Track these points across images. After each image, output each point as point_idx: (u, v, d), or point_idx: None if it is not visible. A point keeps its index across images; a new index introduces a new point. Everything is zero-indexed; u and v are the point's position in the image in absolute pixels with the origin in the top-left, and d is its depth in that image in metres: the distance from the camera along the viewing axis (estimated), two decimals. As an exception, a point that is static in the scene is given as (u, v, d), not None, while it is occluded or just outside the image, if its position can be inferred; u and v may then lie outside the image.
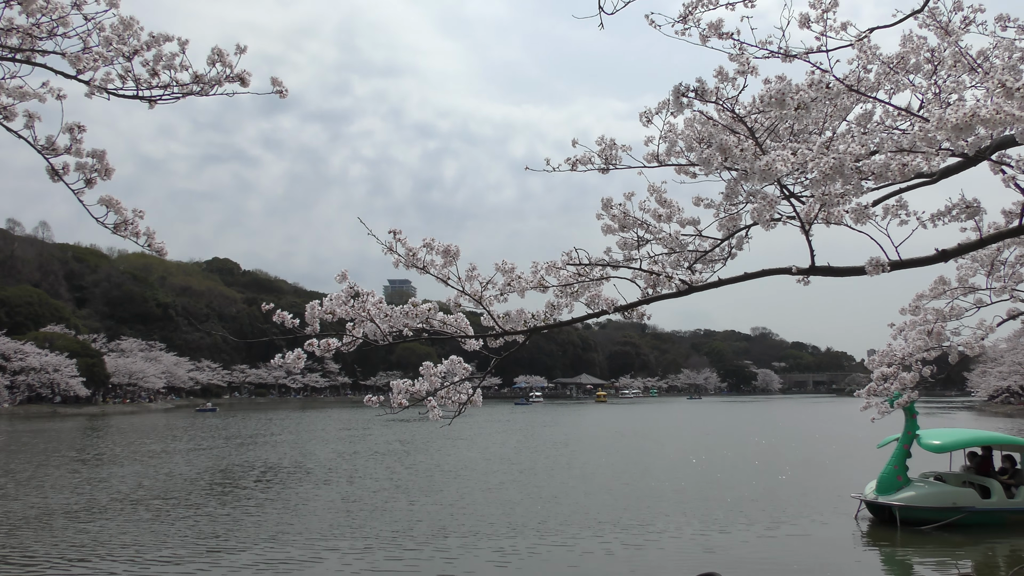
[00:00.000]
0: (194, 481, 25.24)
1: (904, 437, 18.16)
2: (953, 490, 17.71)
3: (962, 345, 8.70)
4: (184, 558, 14.48)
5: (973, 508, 17.24)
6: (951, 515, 17.06)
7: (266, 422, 66.92)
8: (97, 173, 4.89)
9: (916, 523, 17.19)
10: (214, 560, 14.35)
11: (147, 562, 14.21)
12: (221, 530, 17.02)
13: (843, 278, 5.05)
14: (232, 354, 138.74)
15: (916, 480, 18.06)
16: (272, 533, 16.71)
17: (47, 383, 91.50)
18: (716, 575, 3.49)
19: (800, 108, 3.59)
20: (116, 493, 22.51)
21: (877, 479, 18.18)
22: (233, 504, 20.61)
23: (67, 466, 30.02)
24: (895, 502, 17.39)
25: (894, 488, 17.68)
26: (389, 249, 4.64)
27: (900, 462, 17.88)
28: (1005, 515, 17.62)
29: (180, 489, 23.38)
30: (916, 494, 17.50)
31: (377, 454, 35.35)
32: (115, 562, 14.21)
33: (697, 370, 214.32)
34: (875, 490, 18.06)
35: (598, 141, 5.96)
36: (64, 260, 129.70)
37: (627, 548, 15.46)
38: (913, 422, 18.27)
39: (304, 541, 15.94)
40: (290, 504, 20.57)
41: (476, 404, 5.71)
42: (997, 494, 17.55)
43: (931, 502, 17.37)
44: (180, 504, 20.56)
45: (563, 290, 5.02)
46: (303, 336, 4.99)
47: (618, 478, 26.36)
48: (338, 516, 18.72)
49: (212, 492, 22.99)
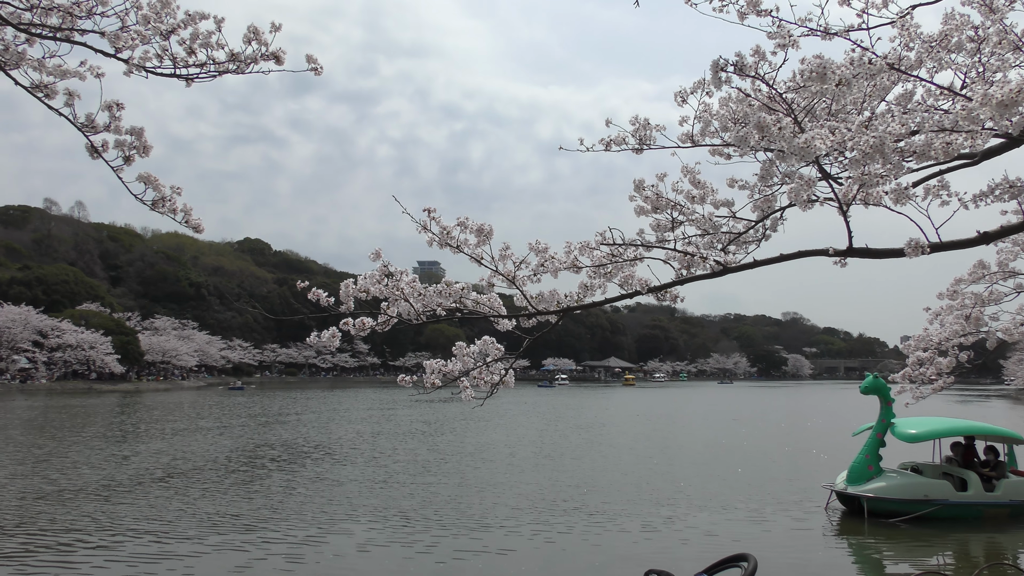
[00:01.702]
0: (214, 460, 25.32)
1: (878, 426, 17.61)
2: (925, 482, 17.01)
3: (1001, 331, 8.55)
4: (193, 537, 14.44)
5: (946, 501, 16.60)
6: (922, 508, 16.45)
7: (291, 401, 67.24)
8: (136, 151, 4.95)
9: (885, 515, 16.59)
10: (224, 540, 14.30)
11: (154, 540, 14.19)
12: (235, 509, 17.03)
13: (877, 263, 4.99)
14: (263, 334, 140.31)
15: (888, 471, 17.39)
16: (287, 513, 16.72)
17: (83, 360, 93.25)
18: (668, 574, 3.47)
19: (841, 84, 3.53)
20: (134, 471, 22.59)
21: (848, 469, 17.57)
22: (249, 483, 20.63)
23: (89, 443, 30.26)
24: (864, 493, 16.79)
25: (864, 478, 17.06)
26: (423, 228, 4.65)
27: (872, 451, 17.29)
28: (982, 509, 16.87)
29: (199, 468, 23.43)
30: (886, 485, 16.85)
31: (400, 435, 35.53)
32: (121, 541, 14.19)
33: (727, 354, 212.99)
34: (845, 480, 17.44)
35: (631, 121, 5.91)
36: (99, 239, 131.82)
37: (585, 536, 15.02)
38: (888, 410, 17.69)
39: (320, 521, 15.94)
40: (308, 484, 20.60)
41: (508, 385, 5.72)
42: (974, 487, 16.87)
43: (901, 494, 16.73)
44: (196, 482, 20.59)
45: (596, 271, 5.00)
46: (334, 315, 5.04)
47: (608, 462, 26.21)
48: (356, 497, 18.73)
49: (230, 471, 23.01)
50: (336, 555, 13.43)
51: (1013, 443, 18.31)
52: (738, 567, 3.40)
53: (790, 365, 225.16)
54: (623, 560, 13.42)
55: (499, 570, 12.77)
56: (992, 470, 17.61)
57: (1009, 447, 18.34)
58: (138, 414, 49.15)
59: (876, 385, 17.82)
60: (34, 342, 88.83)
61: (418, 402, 64.48)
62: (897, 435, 17.47)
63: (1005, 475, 17.49)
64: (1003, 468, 17.73)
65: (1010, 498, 16.99)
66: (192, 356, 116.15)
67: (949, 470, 17.83)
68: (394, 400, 70.03)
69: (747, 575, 3.27)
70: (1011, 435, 18.18)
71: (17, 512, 16.48)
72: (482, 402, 5.66)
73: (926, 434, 17.59)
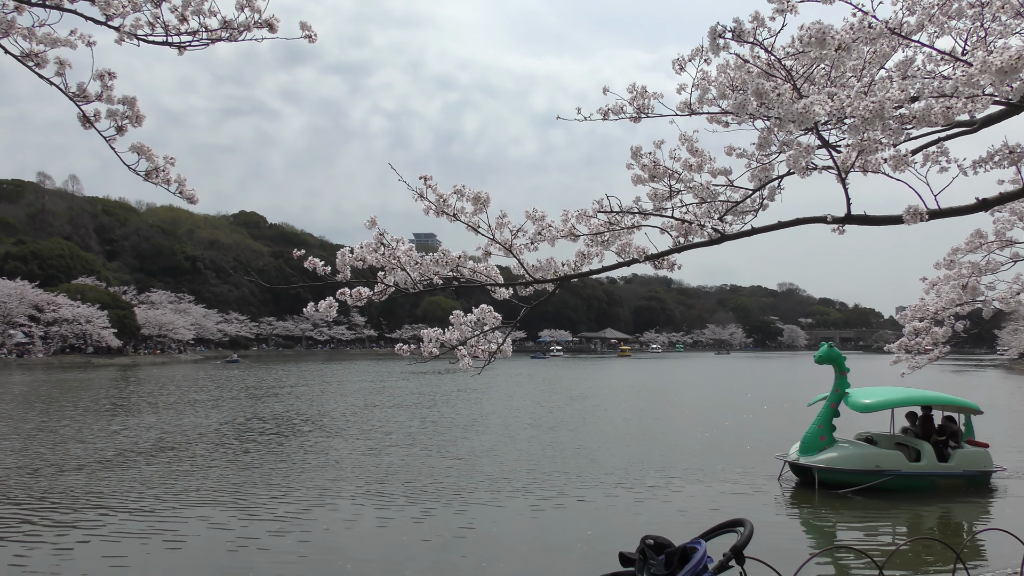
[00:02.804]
0: (203, 434, 25.12)
1: (832, 395, 17.32)
2: (877, 452, 16.80)
3: (997, 300, 8.56)
4: (180, 512, 14.30)
5: (898, 472, 16.41)
6: (873, 478, 16.28)
7: (286, 373, 67.13)
8: (128, 120, 4.90)
9: (836, 486, 16.39)
10: (210, 514, 14.16)
11: (138, 515, 14.03)
12: (222, 484, 16.90)
13: (873, 234, 4.97)
14: (260, 307, 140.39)
15: (841, 441, 17.16)
16: (275, 487, 16.57)
17: (80, 334, 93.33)
18: (664, 539, 3.49)
19: (841, 49, 3.50)
20: (122, 445, 22.39)
21: (801, 439, 17.31)
22: (238, 457, 20.46)
23: (80, 417, 30.11)
24: (815, 463, 16.61)
25: (817, 449, 16.85)
26: (420, 196, 4.63)
27: (825, 422, 17.04)
28: (935, 479, 16.74)
29: (188, 441, 23.24)
30: (837, 455, 16.65)
31: (392, 407, 35.55)
32: (105, 515, 14.07)
33: (723, 325, 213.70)
34: (798, 451, 17.21)
35: (629, 89, 5.86)
36: (94, 213, 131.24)
37: (534, 510, 14.89)
38: (843, 380, 17.43)
39: (308, 494, 15.85)
40: (298, 457, 20.51)
41: (505, 354, 5.73)
42: (927, 457, 16.71)
43: (852, 464, 16.53)
44: (185, 456, 20.41)
45: (594, 239, 4.99)
46: (331, 287, 5.02)
47: (570, 434, 26.19)
48: (346, 470, 18.65)
49: (220, 445, 22.81)
50: (325, 529, 13.36)
51: (969, 413, 18.06)
52: (734, 532, 3.42)
53: (786, 336, 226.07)
54: (609, 532, 13.56)
55: (492, 542, 12.79)
56: (950, 439, 17.46)
57: (966, 417, 18.11)
58: (131, 388, 49.07)
59: (831, 355, 17.61)
60: (30, 316, 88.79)
61: (414, 374, 64.67)
62: (850, 405, 17.25)
63: (960, 445, 17.33)
64: (959, 438, 17.56)
65: (963, 468, 16.88)
66: (189, 330, 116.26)
67: (903, 440, 17.66)
68: (389, 372, 70.12)
69: (744, 539, 3.29)
70: (967, 405, 17.99)
71: (1, 487, 16.44)
72: (479, 371, 5.66)
73: (879, 404, 17.45)
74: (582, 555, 11.94)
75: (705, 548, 3.29)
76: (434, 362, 51.62)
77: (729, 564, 3.25)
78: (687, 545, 3.32)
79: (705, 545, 3.32)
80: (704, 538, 3.47)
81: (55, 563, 11.33)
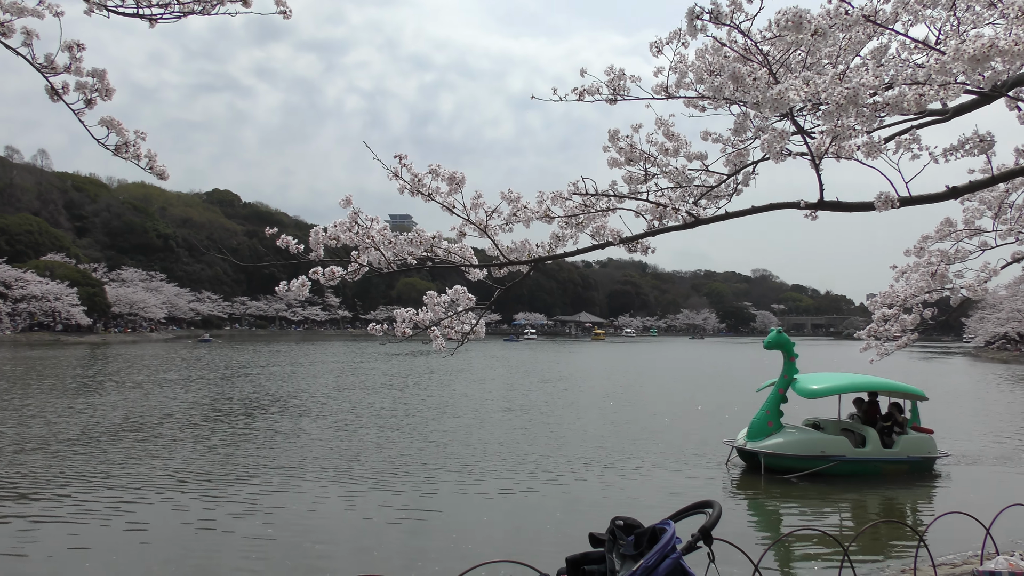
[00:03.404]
0: (168, 414, 24.70)
1: (780, 381, 17.36)
2: (823, 438, 16.94)
3: (965, 288, 8.68)
4: (140, 494, 14.08)
5: (843, 457, 16.56)
6: (818, 464, 16.41)
7: (257, 354, 66.45)
8: (98, 93, 4.81)
9: (782, 471, 16.48)
10: (170, 497, 13.99)
11: (98, 497, 13.83)
12: (185, 465, 16.66)
13: (846, 222, 5.01)
14: (233, 286, 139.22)
15: (788, 427, 17.23)
16: (237, 469, 16.39)
17: (48, 312, 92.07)
18: (634, 520, 3.53)
19: (817, 34, 3.51)
20: (84, 425, 22.00)
21: (749, 424, 17.39)
22: (202, 439, 20.13)
23: (43, 395, 29.62)
24: (761, 449, 16.69)
25: (764, 434, 16.94)
26: (394, 175, 4.59)
27: (773, 407, 17.10)
28: (879, 465, 16.90)
29: (152, 422, 22.85)
30: (783, 441, 16.74)
31: (363, 388, 35.44)
32: (63, 496, 13.91)
33: (696, 310, 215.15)
34: (745, 436, 17.27)
35: (606, 71, 5.84)
36: (63, 189, 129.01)
37: (503, 493, 14.90)
38: (791, 365, 17.47)
39: (274, 476, 15.75)
40: (262, 439, 20.28)
41: (478, 335, 5.73)
42: (872, 443, 16.88)
43: (798, 450, 16.61)
44: (148, 437, 20.10)
45: (568, 221, 4.98)
46: (305, 266, 4.98)
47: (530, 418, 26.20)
48: (311, 451, 18.50)
49: (184, 425, 22.47)
50: (291, 512, 13.26)
51: (916, 399, 18.20)
52: (703, 513, 3.45)
53: (758, 321, 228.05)
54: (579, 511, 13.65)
55: (461, 524, 12.79)
56: (895, 425, 17.60)
57: (913, 403, 18.25)
58: (99, 366, 48.42)
59: (779, 340, 17.73)
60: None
61: (386, 356, 64.52)
62: (798, 391, 17.27)
63: (905, 431, 17.47)
64: (904, 424, 17.69)
65: (908, 454, 17.05)
66: (160, 308, 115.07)
67: (849, 426, 17.77)
68: (362, 353, 69.85)
69: (712, 520, 3.32)
70: (912, 391, 18.12)
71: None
72: (452, 351, 5.66)
73: (827, 390, 17.49)
74: (551, 537, 12.03)
75: (674, 529, 3.32)
76: (407, 344, 51.63)
77: (697, 545, 3.29)
78: (656, 526, 3.35)
79: (674, 526, 3.35)
80: (673, 519, 3.50)
81: (13, 545, 11.13)
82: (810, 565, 11.03)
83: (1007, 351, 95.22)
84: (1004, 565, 6.16)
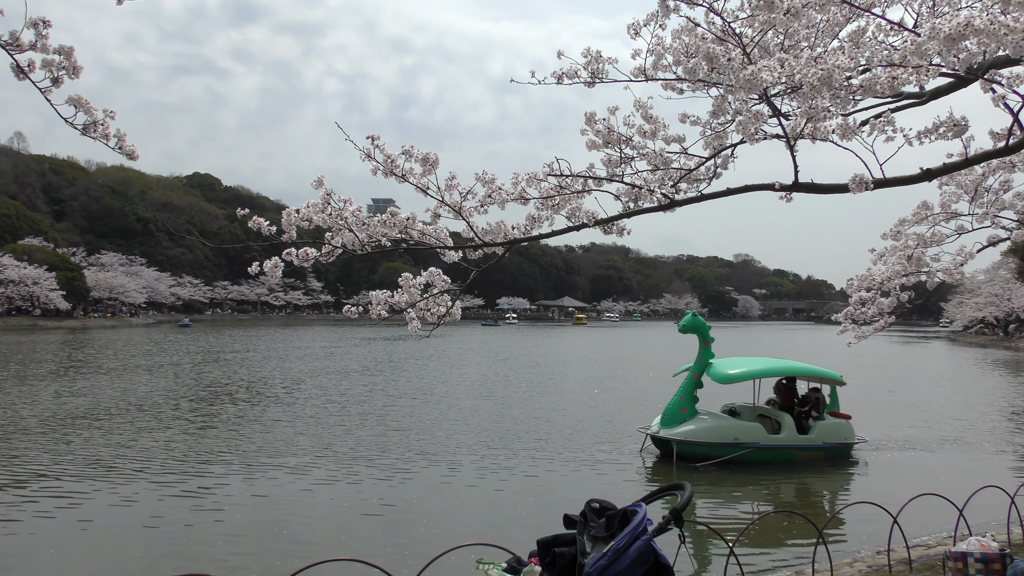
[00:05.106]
0: (135, 402, 24.09)
1: (695, 366, 16.85)
2: (736, 424, 16.47)
3: (941, 271, 8.72)
4: (92, 483, 13.81)
5: (757, 444, 16.12)
6: (732, 451, 15.99)
7: (235, 339, 65.77)
8: (65, 71, 4.71)
9: (695, 459, 16.05)
10: (127, 486, 13.72)
11: (51, 486, 13.61)
12: (144, 454, 16.29)
13: (829, 204, 5.02)
14: (214, 270, 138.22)
15: (702, 413, 16.70)
16: (202, 457, 16.14)
17: (26, 296, 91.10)
18: (608, 503, 3.54)
19: (790, 13, 3.48)
20: (45, 412, 21.55)
21: (663, 411, 16.88)
22: (166, 427, 19.68)
23: (8, 382, 29.08)
24: (673, 436, 16.19)
25: (677, 421, 16.40)
26: (367, 156, 4.54)
27: (687, 393, 16.59)
28: (794, 452, 16.49)
29: (117, 409, 22.41)
30: (695, 428, 16.24)
31: (339, 373, 35.30)
32: (17, 484, 13.74)
33: (679, 295, 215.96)
34: (659, 423, 16.73)
35: (584, 53, 5.80)
36: (41, 172, 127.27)
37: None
38: (707, 350, 16.97)
39: (243, 465, 15.56)
40: (230, 425, 20.04)
41: (454, 317, 5.70)
42: (787, 429, 16.47)
43: (710, 437, 16.16)
44: (111, 424, 19.72)
45: (544, 203, 4.95)
46: (278, 245, 4.92)
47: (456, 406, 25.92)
48: (281, 438, 18.29)
49: (152, 412, 22.03)
50: (258, 500, 13.12)
51: (834, 384, 17.83)
52: (674, 495, 3.45)
53: (740, 306, 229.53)
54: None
55: (433, 510, 12.77)
56: (812, 409, 17.17)
57: (832, 388, 17.89)
58: (72, 351, 47.81)
59: (695, 324, 17.29)
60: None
61: (366, 340, 64.33)
62: (713, 376, 16.74)
63: (822, 417, 17.10)
64: (821, 409, 17.28)
65: (823, 440, 16.69)
66: (140, 293, 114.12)
67: (765, 412, 17.37)
68: (342, 338, 69.54)
69: (683, 503, 3.33)
70: (830, 375, 17.74)
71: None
72: (428, 334, 5.63)
73: (742, 375, 16.93)
74: (524, 522, 12.06)
75: (645, 511, 3.32)
76: (387, 329, 51.57)
77: (668, 527, 3.29)
78: (628, 508, 3.35)
79: (645, 508, 3.35)
80: (645, 501, 3.50)
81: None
82: (784, 547, 11.13)
83: (984, 335, 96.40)
84: (976, 546, 6.23)
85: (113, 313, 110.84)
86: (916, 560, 8.87)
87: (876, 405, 26.35)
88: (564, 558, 3.33)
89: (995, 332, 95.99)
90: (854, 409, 19.05)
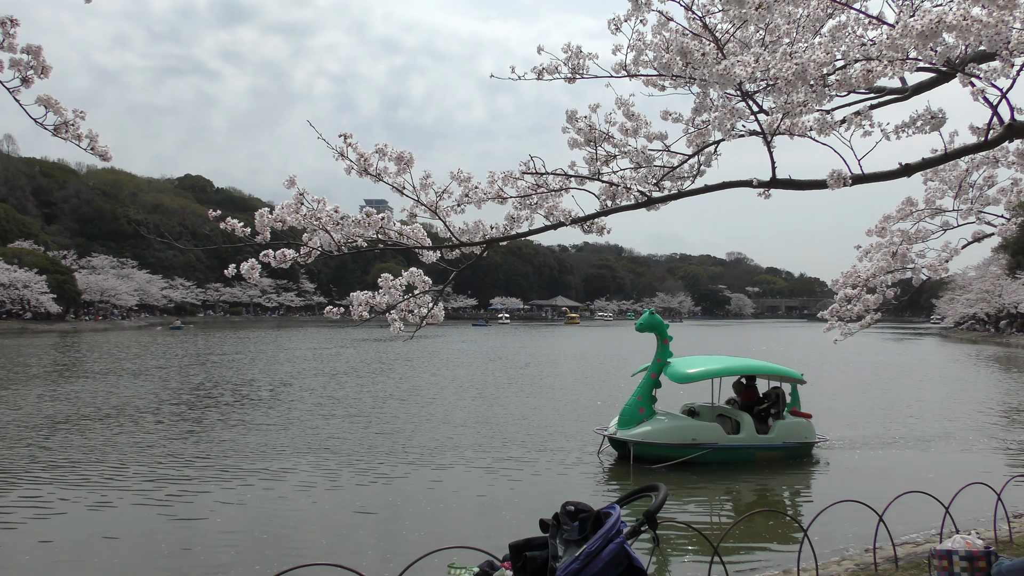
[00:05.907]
0: (117, 406, 23.75)
1: (653, 366, 16.50)
2: (694, 425, 16.15)
3: (926, 268, 8.70)
4: (72, 490, 13.62)
5: (715, 445, 15.75)
6: (690, 452, 15.61)
7: (225, 342, 65.46)
8: (33, 70, 4.64)
9: (653, 460, 15.67)
10: (106, 491, 13.57)
11: (31, 492, 13.44)
12: (124, 459, 16.11)
13: (820, 202, 4.99)
14: (206, 272, 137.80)
15: (660, 414, 16.34)
16: (186, 461, 15.97)
17: (17, 299, 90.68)
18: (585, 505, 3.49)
19: (761, 8, 3.44)
20: (24, 417, 21.26)
21: (620, 412, 16.50)
22: (149, 431, 19.39)
23: None
24: (630, 438, 15.82)
25: (635, 422, 16.01)
26: (341, 155, 4.49)
27: (645, 393, 16.24)
28: (753, 452, 16.15)
29: (99, 414, 22.07)
30: (652, 429, 15.87)
31: (328, 375, 35.18)
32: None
33: (672, 294, 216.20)
34: (617, 424, 16.36)
35: (564, 49, 5.75)
36: (31, 175, 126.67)
37: (467, 476, 14.84)
38: (665, 349, 16.61)
39: (222, 466, 15.51)
40: (214, 429, 19.89)
41: (437, 318, 5.64)
42: (746, 429, 16.13)
43: (668, 438, 15.80)
44: (91, 429, 19.48)
45: (522, 201, 4.90)
46: (261, 246, 4.85)
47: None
48: (269, 441, 18.19)
49: (133, 417, 21.68)
50: (243, 505, 13.07)
51: (794, 382, 17.51)
52: (648, 496, 3.41)
53: (733, 304, 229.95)
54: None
55: (424, 511, 12.72)
56: (772, 408, 16.86)
57: (793, 387, 17.57)
58: (59, 355, 47.52)
59: (652, 322, 16.86)
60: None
61: (356, 342, 64.18)
62: (670, 376, 16.37)
63: (782, 416, 16.78)
64: (781, 407, 16.96)
65: (783, 440, 16.37)
66: (132, 295, 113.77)
67: (725, 412, 17.02)
68: (332, 340, 69.39)
69: (658, 503, 3.28)
70: (789, 374, 17.45)
71: None
72: (411, 335, 5.57)
73: (700, 374, 16.52)
74: (508, 525, 12.01)
75: (619, 513, 3.28)
76: (379, 330, 51.26)
77: (642, 529, 3.24)
78: (601, 510, 3.30)
79: (619, 510, 3.31)
80: (620, 503, 3.46)
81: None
82: (768, 545, 11.10)
83: (976, 331, 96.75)
84: (961, 544, 6.20)
85: (105, 316, 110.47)
86: (903, 558, 8.85)
87: (867, 403, 26.23)
88: (536, 562, 3.28)
89: (986, 328, 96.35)
90: (843, 406, 18.98)
